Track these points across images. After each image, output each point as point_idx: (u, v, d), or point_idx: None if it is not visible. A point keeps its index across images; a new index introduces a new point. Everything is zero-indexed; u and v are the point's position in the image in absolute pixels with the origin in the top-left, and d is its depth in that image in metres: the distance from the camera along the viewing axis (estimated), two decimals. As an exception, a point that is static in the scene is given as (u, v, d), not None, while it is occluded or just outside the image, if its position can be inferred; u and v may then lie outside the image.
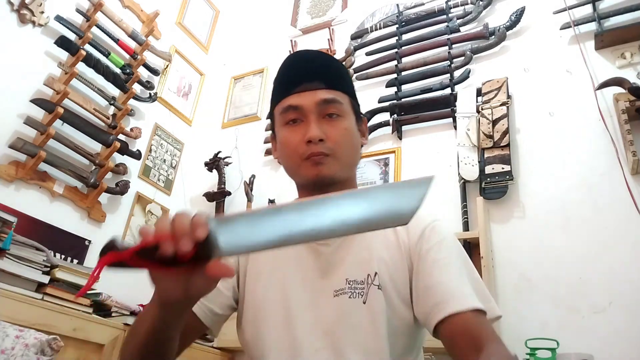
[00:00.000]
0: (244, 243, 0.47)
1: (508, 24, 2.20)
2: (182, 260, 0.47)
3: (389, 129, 2.30)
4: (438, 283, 0.73)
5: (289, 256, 0.83)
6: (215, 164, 2.63)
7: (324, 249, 0.82)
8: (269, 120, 2.95)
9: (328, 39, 2.78)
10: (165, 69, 2.81)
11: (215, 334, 0.87)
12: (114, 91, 2.41)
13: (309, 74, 0.84)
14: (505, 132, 1.94)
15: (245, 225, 0.47)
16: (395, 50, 2.46)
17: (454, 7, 2.42)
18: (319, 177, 0.80)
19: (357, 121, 0.88)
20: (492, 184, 1.88)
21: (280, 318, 0.78)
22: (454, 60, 2.27)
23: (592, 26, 1.98)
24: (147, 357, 0.68)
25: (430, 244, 0.78)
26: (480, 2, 2.33)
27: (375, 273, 0.78)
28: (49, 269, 1.68)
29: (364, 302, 0.76)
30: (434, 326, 0.70)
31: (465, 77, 2.20)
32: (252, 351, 0.81)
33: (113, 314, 1.86)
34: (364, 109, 2.41)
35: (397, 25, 2.55)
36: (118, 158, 2.38)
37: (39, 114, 2.05)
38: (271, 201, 2.37)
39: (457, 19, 2.36)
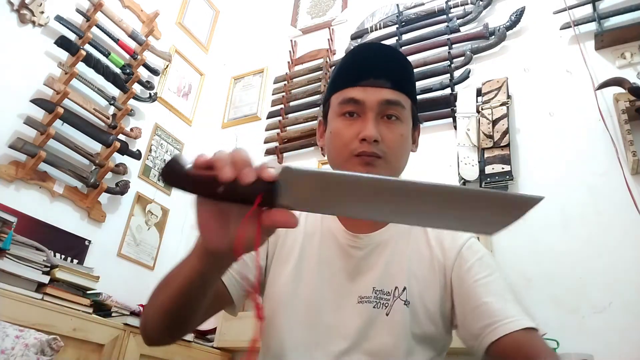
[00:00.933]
0: (308, 201, 0.44)
1: (508, 24, 2.20)
2: (239, 198, 0.44)
3: (389, 129, 2.30)
4: (484, 303, 0.72)
5: (319, 252, 0.82)
6: (215, 164, 2.63)
7: (355, 252, 0.81)
8: (269, 120, 2.94)
9: (328, 39, 2.78)
10: (165, 69, 2.81)
11: (235, 312, 0.83)
12: (114, 91, 2.41)
13: (377, 69, 0.80)
14: (505, 132, 1.94)
15: (315, 183, 0.44)
16: (395, 50, 2.46)
17: (454, 7, 2.42)
18: None
19: (413, 127, 0.86)
20: (492, 184, 1.88)
21: (301, 316, 0.77)
22: (454, 60, 2.27)
23: (592, 26, 1.98)
24: (174, 313, 0.64)
25: (469, 263, 0.78)
26: (480, 2, 2.33)
27: (404, 288, 0.77)
28: (49, 269, 1.68)
29: (387, 314, 0.76)
30: (485, 347, 0.70)
31: (465, 77, 2.20)
32: (265, 342, 0.80)
33: (113, 314, 1.86)
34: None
35: (397, 25, 2.55)
36: (118, 158, 2.38)
37: (39, 114, 2.05)
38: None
39: (457, 19, 2.36)
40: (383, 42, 2.55)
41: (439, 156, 2.12)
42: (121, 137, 2.37)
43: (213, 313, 0.78)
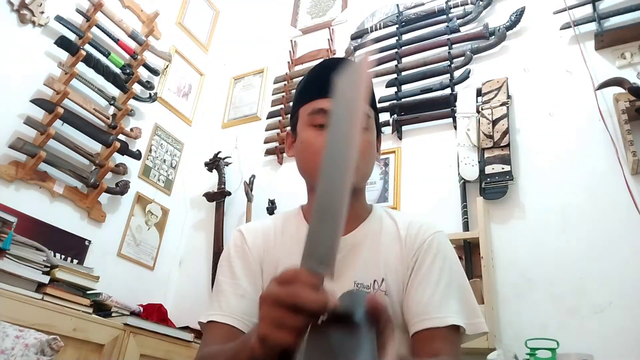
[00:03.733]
0: None
1: (508, 24, 2.20)
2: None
3: (389, 129, 2.30)
4: (422, 297, 0.78)
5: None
6: (215, 164, 2.63)
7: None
8: (269, 120, 2.94)
9: (328, 39, 2.78)
10: (165, 69, 2.81)
11: None
12: (114, 91, 2.41)
13: None
14: (505, 132, 1.94)
15: None
16: (395, 50, 2.46)
17: (454, 7, 2.42)
18: None
19: (377, 136, 0.92)
20: (492, 184, 1.88)
21: None
22: (454, 60, 2.27)
23: (592, 26, 1.98)
24: None
25: (425, 257, 0.82)
26: (480, 2, 2.33)
27: (383, 279, 0.81)
28: (49, 269, 1.68)
29: None
30: (411, 335, 0.77)
31: (465, 77, 2.20)
32: None
33: (113, 314, 1.86)
34: (364, 109, 2.41)
35: (397, 26, 2.55)
36: (118, 158, 2.38)
37: (39, 114, 2.05)
38: (271, 201, 2.37)
39: (457, 19, 2.36)
40: (383, 42, 2.56)
41: (439, 156, 2.12)
42: (121, 137, 2.37)
43: None
